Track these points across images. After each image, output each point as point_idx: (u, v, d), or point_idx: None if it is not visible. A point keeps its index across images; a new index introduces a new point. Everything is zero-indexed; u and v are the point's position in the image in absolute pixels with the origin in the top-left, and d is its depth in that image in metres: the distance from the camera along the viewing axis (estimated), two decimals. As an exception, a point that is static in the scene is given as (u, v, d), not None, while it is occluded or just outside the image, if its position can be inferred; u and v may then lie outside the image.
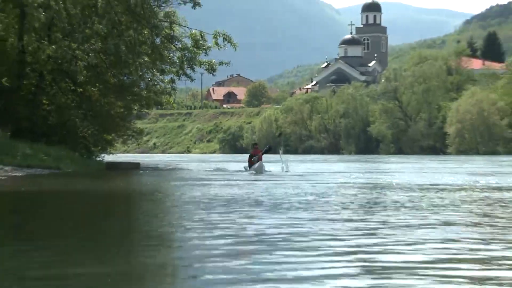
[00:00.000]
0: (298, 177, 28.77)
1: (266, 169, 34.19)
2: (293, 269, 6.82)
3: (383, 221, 11.59)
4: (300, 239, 9.19)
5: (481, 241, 9.22)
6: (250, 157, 35.72)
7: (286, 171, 34.23)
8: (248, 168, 35.16)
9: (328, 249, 8.22)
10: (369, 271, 6.87)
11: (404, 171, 36.61)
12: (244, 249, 8.36)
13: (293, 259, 7.46)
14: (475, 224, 11.42)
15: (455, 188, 21.07)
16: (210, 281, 6.42)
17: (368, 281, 6.26)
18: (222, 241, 8.98)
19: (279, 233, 9.84)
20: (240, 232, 10.11)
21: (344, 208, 14.11)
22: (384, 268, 6.99)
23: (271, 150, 37.55)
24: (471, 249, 8.40)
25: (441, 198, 16.94)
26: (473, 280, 6.31)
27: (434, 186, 21.95)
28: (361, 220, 11.97)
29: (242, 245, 8.76)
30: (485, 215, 12.87)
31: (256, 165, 34.04)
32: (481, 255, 7.89)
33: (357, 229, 10.80)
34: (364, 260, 7.53)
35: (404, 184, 23.36)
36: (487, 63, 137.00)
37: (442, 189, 20.25)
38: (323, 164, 52.59)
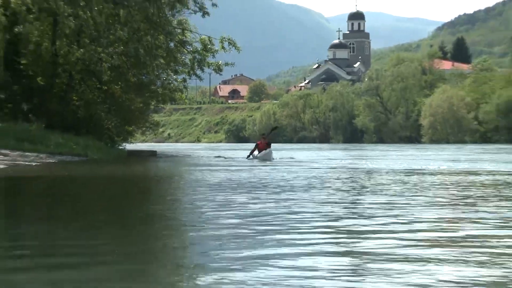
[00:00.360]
0: (298, 163, 28.91)
1: (274, 156, 33.18)
2: (292, 245, 6.77)
3: (370, 202, 11.57)
4: (295, 217, 9.15)
5: (456, 219, 9.20)
6: (256, 146, 34.83)
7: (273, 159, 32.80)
8: (254, 155, 34.03)
9: (323, 228, 8.17)
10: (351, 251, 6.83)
11: (386, 157, 36.59)
12: (248, 226, 8.31)
13: (291, 236, 7.42)
14: (451, 204, 11.39)
15: (431, 172, 21.05)
16: (217, 254, 6.34)
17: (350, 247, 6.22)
18: (230, 220, 8.93)
19: (278, 212, 9.81)
20: (245, 211, 10.07)
21: (336, 190, 14.10)
22: (368, 242, 6.97)
23: (277, 128, 35.47)
24: (448, 228, 8.38)
25: (419, 180, 16.93)
26: (450, 256, 6.26)
27: (413, 171, 21.94)
28: (351, 202, 11.95)
29: (247, 222, 8.72)
30: (459, 195, 12.84)
31: (266, 151, 32.91)
32: (457, 233, 7.85)
33: (346, 208, 10.77)
34: (350, 237, 7.50)
35: (387, 169, 23.36)
36: (456, 64, 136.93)
37: (420, 173, 20.24)
38: (319, 152, 52.52)
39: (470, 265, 5.46)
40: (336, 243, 6.72)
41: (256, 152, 34.16)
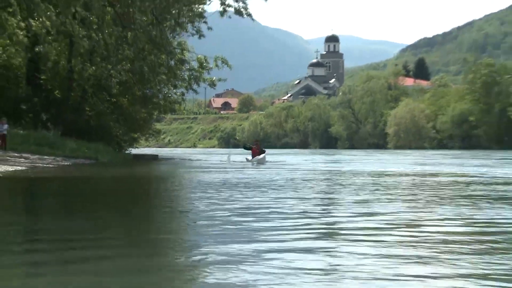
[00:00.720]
0: (289, 165, 28.87)
1: (267, 159, 33.04)
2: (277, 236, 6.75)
3: (342, 198, 11.57)
4: (279, 210, 9.17)
5: (414, 213, 9.23)
6: (249, 149, 35.24)
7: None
8: (249, 159, 33.29)
9: (304, 224, 8.16)
10: (326, 235, 6.84)
11: (357, 161, 36.62)
12: (238, 219, 8.32)
13: (276, 225, 7.40)
14: (409, 200, 11.40)
15: (396, 174, 21.09)
16: (209, 244, 6.30)
17: (325, 243, 6.20)
18: (222, 213, 8.94)
19: (265, 207, 9.79)
20: (236, 205, 10.06)
21: (313, 188, 14.09)
22: (338, 231, 6.97)
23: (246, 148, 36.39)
24: (407, 219, 8.39)
25: (385, 181, 16.94)
26: (403, 242, 6.25)
27: (380, 172, 21.96)
28: (328, 199, 11.95)
29: (237, 215, 8.73)
30: (418, 193, 12.84)
31: (260, 156, 32.64)
32: (414, 222, 7.87)
33: (321, 204, 10.76)
34: (324, 227, 7.49)
35: (358, 171, 23.37)
36: (417, 81, 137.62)
37: (386, 175, 20.27)
38: (302, 156, 52.57)
39: (433, 262, 5.32)
40: (308, 239, 6.56)
41: (250, 157, 33.57)
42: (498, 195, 12.73)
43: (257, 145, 35.36)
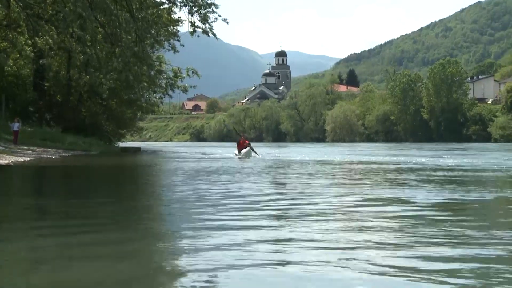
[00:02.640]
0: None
1: (254, 154, 27.43)
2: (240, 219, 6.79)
3: (289, 183, 11.69)
4: (243, 200, 9.21)
5: (351, 195, 9.38)
6: (237, 144, 28.89)
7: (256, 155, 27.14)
8: (238, 154, 27.91)
9: (263, 205, 8.23)
10: (280, 217, 6.92)
11: (303, 152, 36.80)
12: (214, 204, 8.35)
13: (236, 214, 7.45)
14: (347, 184, 11.56)
15: (335, 162, 21.29)
16: (185, 225, 6.34)
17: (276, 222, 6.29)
18: (198, 197, 8.98)
19: (229, 192, 9.85)
20: (208, 191, 10.11)
21: (264, 174, 14.21)
22: (291, 214, 7.08)
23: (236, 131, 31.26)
24: (347, 202, 8.53)
25: (327, 169, 17.11)
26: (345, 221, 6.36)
27: (322, 161, 22.15)
28: (282, 183, 12.05)
29: (213, 200, 8.78)
30: (355, 178, 13.05)
31: (245, 150, 27.26)
32: (351, 205, 8.01)
33: (276, 189, 10.86)
34: (278, 210, 7.58)
35: (304, 160, 23.51)
36: (349, 87, 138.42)
37: (327, 163, 20.44)
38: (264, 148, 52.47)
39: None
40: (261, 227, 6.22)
41: (236, 151, 28.58)
42: (416, 179, 13.01)
43: (243, 138, 29.06)
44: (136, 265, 4.02)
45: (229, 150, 35.20)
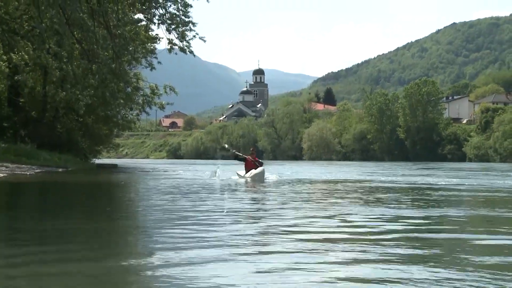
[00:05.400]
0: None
1: (267, 176, 20.39)
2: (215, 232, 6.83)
3: (262, 199, 11.74)
4: (213, 215, 9.24)
5: (322, 211, 9.44)
6: (245, 161, 21.69)
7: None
8: (242, 175, 21.04)
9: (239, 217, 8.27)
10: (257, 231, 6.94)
11: (280, 169, 36.93)
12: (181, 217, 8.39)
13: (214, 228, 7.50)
14: (316, 201, 11.62)
15: (312, 180, 21.38)
16: (162, 240, 6.38)
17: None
18: (173, 212, 9.00)
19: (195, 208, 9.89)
20: (182, 207, 10.12)
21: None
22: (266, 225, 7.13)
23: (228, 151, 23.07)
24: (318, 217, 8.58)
25: (302, 188, 17.20)
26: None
27: (299, 179, 22.21)
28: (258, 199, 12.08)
29: (184, 214, 8.78)
30: (328, 194, 13.14)
31: (258, 171, 19.82)
32: (319, 223, 8.08)
33: (255, 205, 10.91)
34: (252, 222, 7.65)
35: (279, 179, 23.59)
36: (326, 106, 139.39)
37: (305, 182, 20.51)
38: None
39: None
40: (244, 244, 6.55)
41: (242, 172, 21.36)
42: (391, 196, 13.14)
43: (253, 154, 22.10)
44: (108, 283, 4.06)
45: (205, 168, 35.05)
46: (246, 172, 20.52)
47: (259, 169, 19.58)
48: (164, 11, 20.71)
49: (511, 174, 27.69)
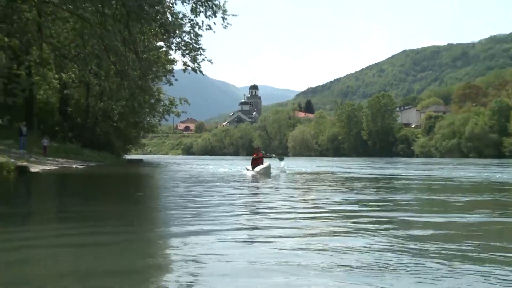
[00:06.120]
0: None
1: (272, 171, 18.50)
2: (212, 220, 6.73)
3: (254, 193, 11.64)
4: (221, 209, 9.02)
5: (303, 202, 9.35)
6: (253, 160, 20.03)
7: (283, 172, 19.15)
8: (250, 169, 19.88)
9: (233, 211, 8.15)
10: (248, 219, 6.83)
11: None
12: (203, 209, 8.30)
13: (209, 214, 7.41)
14: (302, 193, 11.54)
15: (296, 172, 21.30)
16: (179, 225, 6.30)
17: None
18: (192, 203, 8.90)
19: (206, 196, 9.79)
20: (199, 196, 10.05)
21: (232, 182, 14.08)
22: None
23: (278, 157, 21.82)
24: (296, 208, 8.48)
25: (288, 178, 17.09)
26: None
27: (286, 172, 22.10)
28: (258, 194, 11.96)
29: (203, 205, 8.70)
30: (312, 188, 13.08)
31: (264, 166, 18.50)
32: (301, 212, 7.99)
33: (249, 198, 10.80)
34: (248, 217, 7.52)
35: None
36: (307, 114, 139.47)
37: (292, 174, 20.43)
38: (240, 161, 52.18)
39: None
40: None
41: (250, 167, 20.13)
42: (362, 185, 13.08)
43: (258, 152, 20.19)
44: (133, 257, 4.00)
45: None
46: (253, 167, 19.26)
47: (265, 164, 18.36)
48: (180, 40, 20.61)
49: (445, 167, 27.78)
